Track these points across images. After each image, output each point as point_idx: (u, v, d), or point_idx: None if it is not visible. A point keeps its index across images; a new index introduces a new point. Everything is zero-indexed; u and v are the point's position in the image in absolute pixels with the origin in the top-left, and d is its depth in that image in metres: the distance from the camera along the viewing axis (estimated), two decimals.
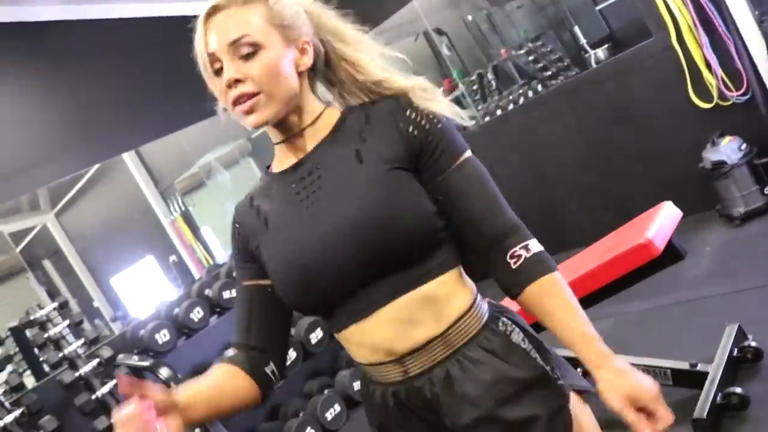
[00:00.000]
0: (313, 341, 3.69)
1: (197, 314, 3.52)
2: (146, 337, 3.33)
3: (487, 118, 5.04)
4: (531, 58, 6.18)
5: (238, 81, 1.01)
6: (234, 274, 1.26)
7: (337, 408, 3.52)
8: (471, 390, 1.00)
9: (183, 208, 6.57)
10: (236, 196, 1.23)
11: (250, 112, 1.02)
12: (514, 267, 1.00)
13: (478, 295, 1.08)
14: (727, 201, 3.41)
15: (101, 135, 4.01)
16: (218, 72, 1.04)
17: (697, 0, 3.38)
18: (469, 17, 6.94)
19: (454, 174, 1.03)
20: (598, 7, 6.21)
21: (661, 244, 2.00)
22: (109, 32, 4.23)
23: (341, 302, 1.02)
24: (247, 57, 1.01)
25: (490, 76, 6.50)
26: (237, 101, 1.02)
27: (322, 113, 1.09)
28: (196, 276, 6.39)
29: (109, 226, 7.66)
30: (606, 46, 5.64)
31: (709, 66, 3.49)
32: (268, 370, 1.10)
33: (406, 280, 1.00)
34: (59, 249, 8.22)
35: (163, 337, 3.35)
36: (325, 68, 1.13)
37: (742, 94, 3.44)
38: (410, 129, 1.02)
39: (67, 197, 7.68)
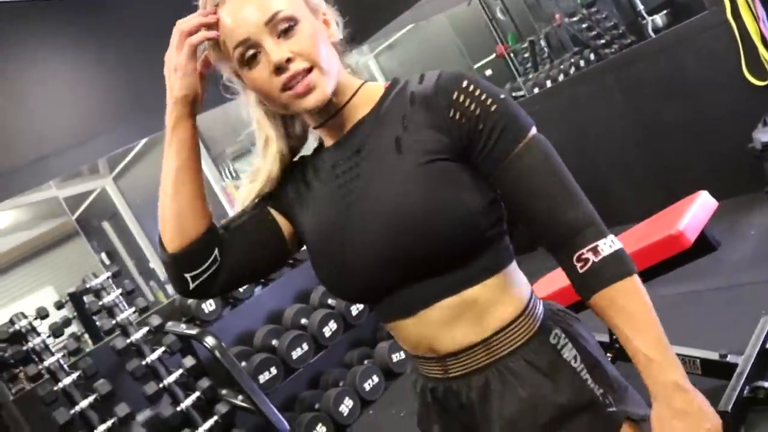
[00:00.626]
0: (354, 313, 3.78)
1: None
2: (194, 307, 3.48)
3: (536, 90, 4.98)
4: (585, 25, 6.01)
5: (288, 60, 0.91)
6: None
7: (375, 379, 3.62)
8: (507, 407, 0.94)
9: (234, 175, 6.72)
10: None
11: (307, 92, 0.92)
12: (580, 271, 0.90)
13: (533, 299, 1.00)
14: None
15: (154, 107, 4.12)
16: (251, 59, 0.93)
17: None
18: None
19: (514, 164, 0.91)
20: None
21: (692, 236, 1.99)
22: (163, 4, 4.33)
23: (381, 299, 0.99)
24: (287, 33, 0.92)
25: (542, 43, 6.37)
26: (290, 84, 0.91)
27: (360, 88, 1.01)
28: None
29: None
30: (665, 12, 5.42)
31: (764, 41, 3.36)
32: (217, 243, 1.02)
33: (446, 284, 0.94)
34: (117, 212, 8.53)
35: (209, 306, 3.49)
36: None
37: None
38: (457, 116, 0.91)
39: (124, 162, 7.92)
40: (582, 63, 5.43)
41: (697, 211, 2.09)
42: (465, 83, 0.93)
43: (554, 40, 6.43)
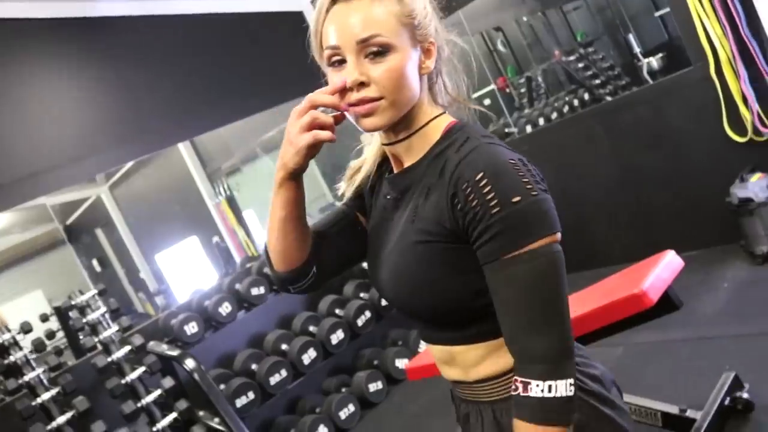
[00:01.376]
0: (334, 341, 3.83)
1: (226, 309, 3.71)
2: (176, 327, 3.53)
3: (529, 127, 5.08)
4: (581, 65, 6.11)
5: (363, 84, 0.96)
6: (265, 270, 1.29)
7: (351, 408, 3.68)
8: None
9: (228, 192, 6.79)
10: None
11: (367, 115, 0.97)
12: (512, 391, 0.93)
13: None
14: (751, 238, 3.40)
15: (150, 128, 4.21)
16: (337, 64, 0.98)
17: (738, 32, 3.36)
18: (524, 18, 6.91)
19: (500, 269, 0.90)
20: (657, 13, 6.08)
21: (655, 296, 2.06)
22: (166, 28, 4.43)
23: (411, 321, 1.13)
24: (375, 57, 0.95)
25: (539, 79, 6.47)
26: (357, 103, 0.96)
27: (432, 121, 1.04)
28: (237, 259, 6.61)
29: (157, 204, 7.98)
30: (660, 55, 5.51)
31: (745, 100, 3.46)
32: (315, 260, 1.13)
33: (439, 336, 1.05)
34: (111, 220, 8.58)
35: (192, 328, 3.55)
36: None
37: None
38: (458, 206, 0.92)
39: (121, 172, 7.99)
40: (576, 102, 5.54)
41: (662, 270, 2.16)
42: (479, 176, 0.91)
43: (551, 77, 6.54)
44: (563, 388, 0.89)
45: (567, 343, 0.90)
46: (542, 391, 0.88)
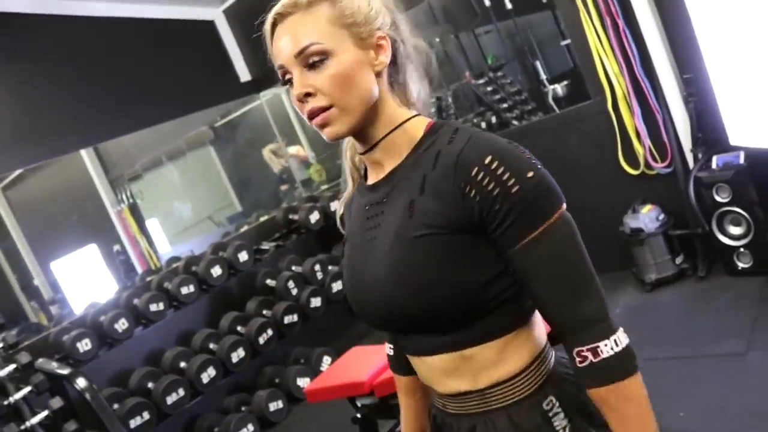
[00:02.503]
0: (234, 360, 3.76)
1: (122, 325, 3.57)
2: (68, 344, 3.37)
3: None
4: (490, 88, 6.27)
5: (308, 95, 0.96)
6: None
7: (251, 427, 3.62)
8: None
9: (131, 200, 6.56)
10: (185, 190, 1.25)
11: (324, 125, 0.97)
12: (578, 365, 0.91)
13: (542, 358, 0.99)
14: (642, 266, 3.59)
15: (48, 133, 4.03)
16: (290, 83, 0.98)
17: (633, 71, 3.55)
18: (437, 39, 7.04)
19: (528, 250, 0.89)
20: (563, 42, 6.31)
21: None
22: (71, 29, 4.25)
23: (394, 337, 1.13)
24: (315, 66, 0.95)
25: (449, 99, 6.60)
26: (311, 116, 0.97)
27: (405, 123, 1.01)
28: (138, 269, 6.40)
29: (55, 209, 7.60)
30: (565, 83, 5.72)
31: (638, 135, 3.66)
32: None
33: (444, 341, 0.97)
34: (3, 223, 8.11)
35: (85, 345, 3.40)
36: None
37: (666, 167, 3.63)
38: (472, 193, 0.89)
39: (15, 174, 7.57)
40: (484, 125, 5.68)
41: None
42: (488, 159, 0.89)
43: (461, 98, 6.69)
44: (623, 336, 0.91)
45: (604, 296, 0.92)
46: (612, 348, 0.89)
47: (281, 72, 0.99)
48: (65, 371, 3.17)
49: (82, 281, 7.14)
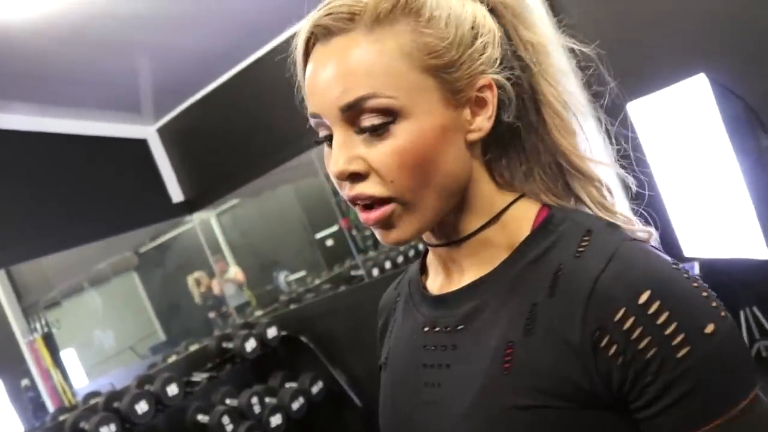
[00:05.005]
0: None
1: None
2: None
3: (376, 271, 5.01)
4: None
5: (357, 176, 0.64)
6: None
7: None
8: None
9: (46, 329, 6.02)
10: (107, 318, 0.92)
11: (377, 224, 0.66)
12: None
13: None
14: None
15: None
16: (328, 141, 0.66)
17: None
18: None
19: None
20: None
21: None
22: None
23: None
24: (375, 132, 0.61)
25: None
26: (356, 201, 0.66)
27: (507, 209, 0.68)
28: (49, 407, 5.78)
29: None
30: None
31: None
32: None
33: None
34: None
35: None
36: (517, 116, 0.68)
37: None
38: (612, 348, 0.56)
39: None
40: (421, 246, 5.57)
41: None
42: (645, 297, 0.56)
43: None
44: None
45: None
46: None
47: (315, 122, 0.67)
48: None
49: None
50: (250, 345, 4.29)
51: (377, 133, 0.62)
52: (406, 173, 0.62)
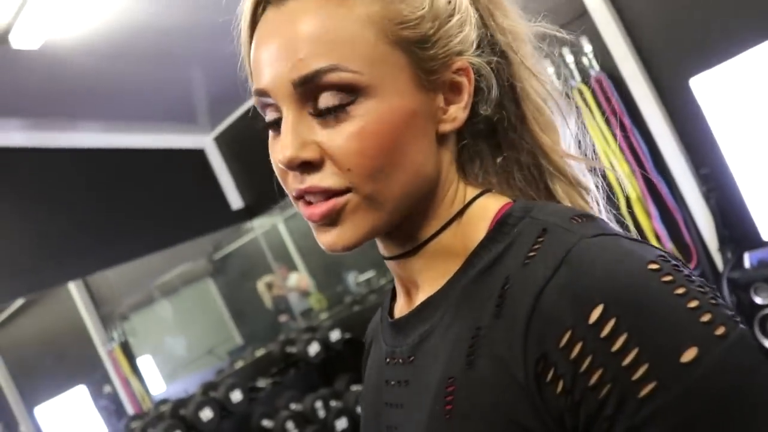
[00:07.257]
0: None
1: None
2: None
3: None
4: None
5: (306, 164, 0.52)
6: None
7: None
8: None
9: (123, 338, 6.22)
10: (183, 325, 0.84)
11: (325, 222, 0.53)
12: None
13: None
14: None
15: (36, 265, 3.83)
16: (272, 125, 0.56)
17: (645, 171, 3.34)
18: None
19: None
20: None
21: None
22: (55, 161, 4.12)
23: None
24: (333, 113, 0.51)
25: None
26: (302, 195, 0.54)
27: (463, 211, 0.57)
28: (129, 412, 5.98)
29: (42, 350, 7.28)
30: None
31: (658, 238, 3.39)
32: None
33: None
34: None
35: None
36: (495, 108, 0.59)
37: (692, 269, 3.33)
38: (560, 384, 0.44)
39: (7, 313, 7.32)
40: None
41: None
42: (598, 312, 0.42)
43: None
44: None
45: None
46: None
47: (260, 102, 0.56)
48: None
49: (68, 428, 6.66)
50: (314, 349, 4.27)
51: (334, 114, 0.51)
52: (366, 161, 0.50)
